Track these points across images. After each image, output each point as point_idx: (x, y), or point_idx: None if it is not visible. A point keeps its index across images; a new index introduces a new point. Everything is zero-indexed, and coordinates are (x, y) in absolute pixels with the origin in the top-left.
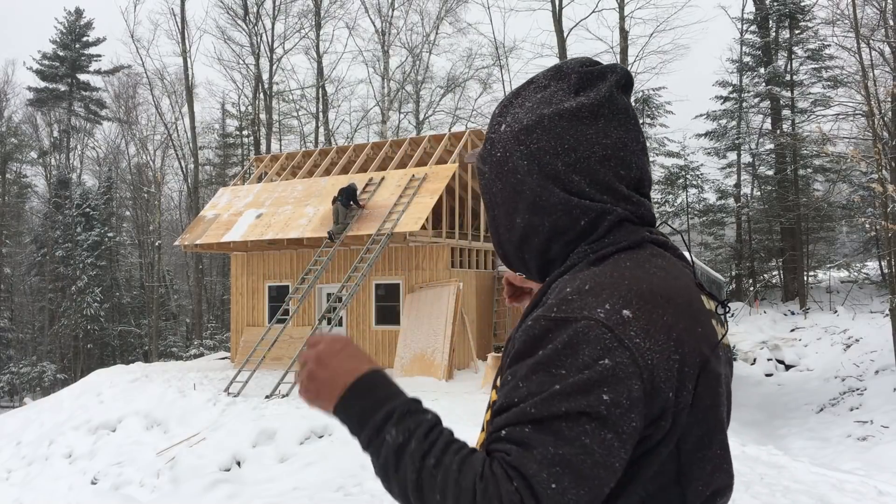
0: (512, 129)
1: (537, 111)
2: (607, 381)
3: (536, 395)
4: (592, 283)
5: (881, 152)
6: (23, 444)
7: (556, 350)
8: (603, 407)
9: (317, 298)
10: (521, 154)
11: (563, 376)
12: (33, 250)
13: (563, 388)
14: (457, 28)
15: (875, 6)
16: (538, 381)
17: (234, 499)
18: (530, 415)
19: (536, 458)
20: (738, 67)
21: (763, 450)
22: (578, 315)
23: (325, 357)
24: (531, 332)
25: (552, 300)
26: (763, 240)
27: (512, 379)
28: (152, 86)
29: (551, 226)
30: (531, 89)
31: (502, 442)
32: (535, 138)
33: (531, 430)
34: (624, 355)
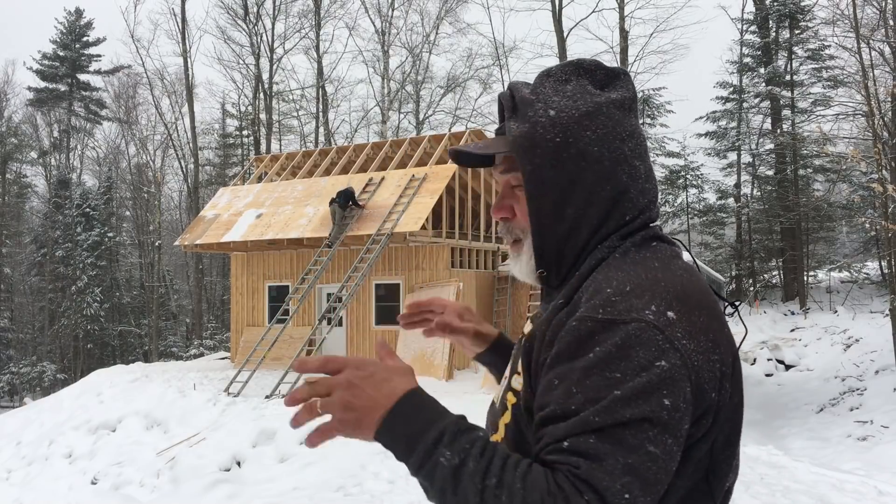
0: (570, 115)
1: (588, 99)
2: (665, 384)
3: (596, 401)
4: (632, 283)
5: (881, 152)
6: (23, 444)
7: (609, 353)
8: (665, 412)
9: (317, 298)
10: (590, 139)
11: (620, 381)
12: (33, 250)
13: (623, 394)
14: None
15: (875, 6)
16: (594, 386)
17: (234, 499)
18: (594, 424)
19: (607, 470)
20: (738, 68)
21: (763, 450)
22: (627, 317)
23: (357, 382)
24: (576, 332)
25: (595, 300)
26: (763, 240)
27: (561, 383)
28: (152, 86)
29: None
30: (552, 81)
31: (566, 454)
32: (600, 124)
33: (596, 440)
34: (676, 357)
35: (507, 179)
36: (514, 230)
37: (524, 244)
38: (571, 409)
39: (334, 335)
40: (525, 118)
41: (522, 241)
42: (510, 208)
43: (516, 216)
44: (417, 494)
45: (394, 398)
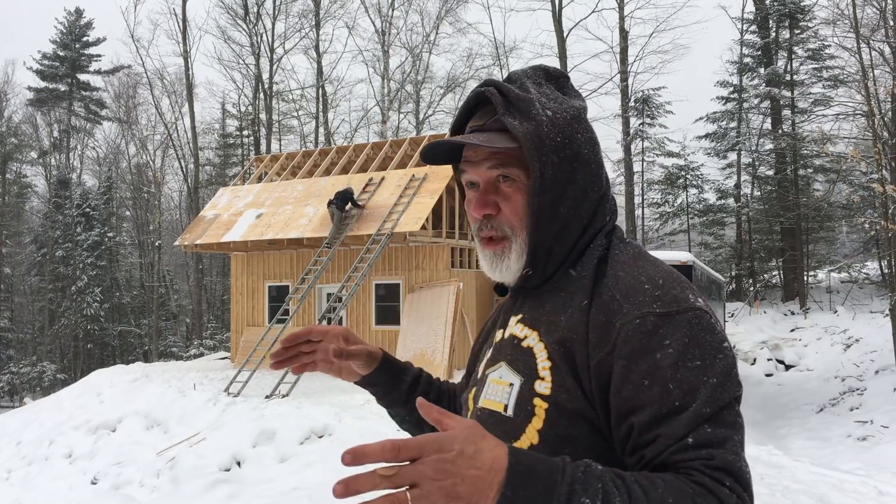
0: (563, 115)
1: (568, 103)
2: (733, 362)
3: (695, 391)
4: (660, 277)
5: (881, 152)
6: (23, 444)
7: (685, 343)
8: (739, 388)
9: (317, 298)
10: (581, 142)
11: (705, 367)
12: (33, 250)
13: (717, 380)
14: (457, 28)
15: (875, 6)
16: (686, 378)
17: (234, 499)
18: (705, 414)
19: (732, 451)
20: (738, 68)
21: (763, 450)
22: (681, 307)
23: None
24: (643, 329)
25: (643, 297)
26: (763, 240)
27: (652, 382)
28: (152, 86)
29: (589, 216)
30: (531, 83)
31: (694, 449)
32: (584, 128)
33: (712, 428)
34: (726, 337)
35: (493, 175)
36: (503, 227)
37: (512, 242)
38: (677, 406)
39: None
40: (529, 116)
41: (510, 239)
42: (495, 204)
43: (501, 212)
44: None
45: (501, 471)
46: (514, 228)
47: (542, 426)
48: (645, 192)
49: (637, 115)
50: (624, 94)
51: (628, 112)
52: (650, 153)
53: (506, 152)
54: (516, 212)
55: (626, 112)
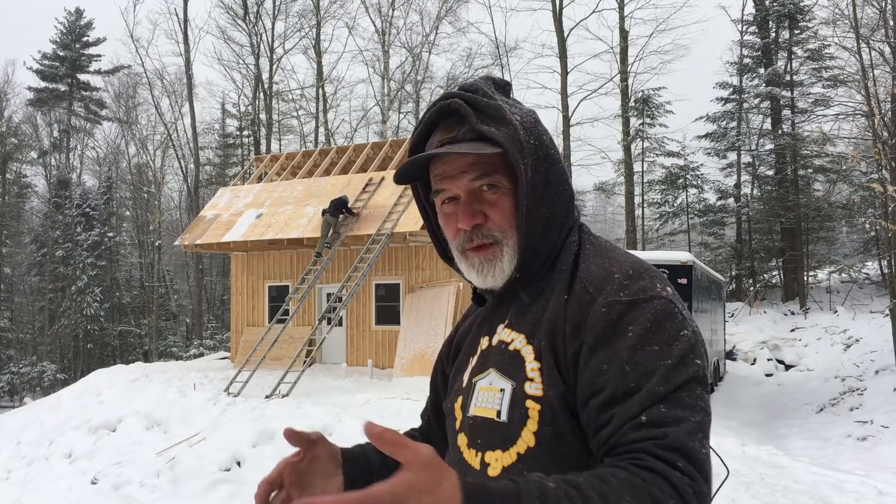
0: (529, 120)
1: (526, 108)
2: (693, 348)
3: (651, 374)
4: (630, 267)
5: (881, 152)
6: (23, 444)
7: (645, 328)
8: (700, 370)
9: (317, 298)
10: (548, 143)
11: (662, 352)
12: (33, 250)
13: (672, 362)
14: (457, 28)
15: (875, 6)
16: (643, 360)
17: (234, 499)
18: (659, 393)
19: (687, 431)
20: (738, 68)
21: (763, 450)
22: (646, 296)
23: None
24: (608, 317)
25: (612, 286)
26: (763, 240)
27: (611, 366)
28: (152, 86)
29: (566, 215)
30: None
31: (647, 428)
32: (544, 130)
33: (666, 408)
34: (690, 324)
35: (476, 185)
36: (492, 233)
37: (503, 246)
38: (632, 386)
39: (334, 335)
40: (503, 122)
41: (501, 243)
42: (482, 213)
43: (489, 219)
44: None
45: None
46: (504, 232)
47: (536, 427)
48: (645, 192)
49: (637, 116)
50: (624, 95)
51: (628, 112)
52: (650, 153)
53: (486, 161)
54: (505, 216)
55: (627, 112)
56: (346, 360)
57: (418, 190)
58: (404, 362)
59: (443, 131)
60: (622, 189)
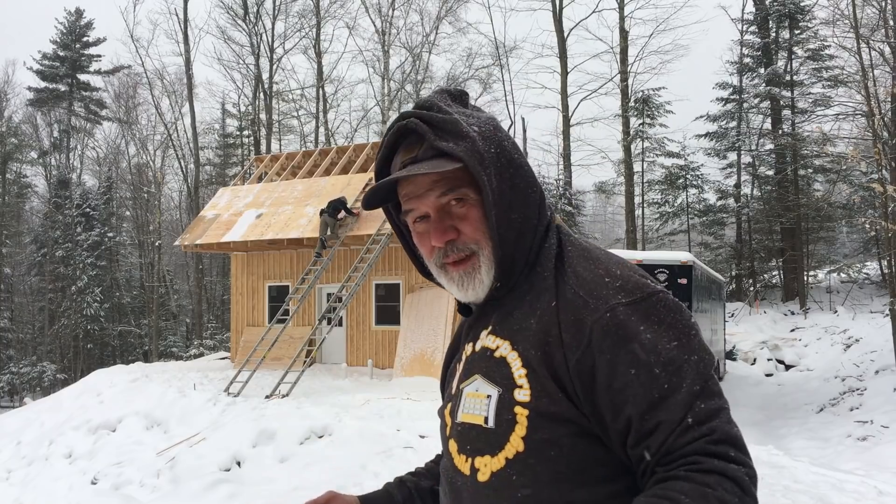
0: (488, 128)
1: (483, 116)
2: (699, 334)
3: (680, 371)
4: (614, 266)
5: (881, 152)
6: (23, 444)
7: (659, 325)
8: (712, 356)
9: (317, 298)
10: (510, 147)
11: (684, 346)
12: (33, 250)
13: (697, 356)
14: (457, 28)
15: (875, 6)
16: (670, 358)
17: (234, 499)
18: (695, 392)
19: (727, 419)
20: (738, 68)
21: (763, 450)
22: (643, 292)
23: None
24: (615, 321)
25: (605, 290)
26: (763, 240)
27: (638, 371)
28: (152, 86)
29: (538, 219)
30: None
31: (694, 428)
32: (505, 135)
33: (704, 403)
34: (689, 311)
35: (444, 201)
36: (468, 245)
37: (479, 256)
38: (667, 388)
39: (334, 335)
40: (460, 135)
41: (477, 255)
42: (454, 228)
43: (462, 233)
44: None
45: None
46: (479, 243)
47: (525, 433)
48: (645, 192)
49: (637, 116)
50: (624, 95)
51: (628, 112)
52: (650, 153)
53: (450, 175)
54: (477, 228)
55: (627, 112)
56: (346, 360)
57: (390, 211)
58: (404, 362)
59: (404, 151)
60: (622, 189)
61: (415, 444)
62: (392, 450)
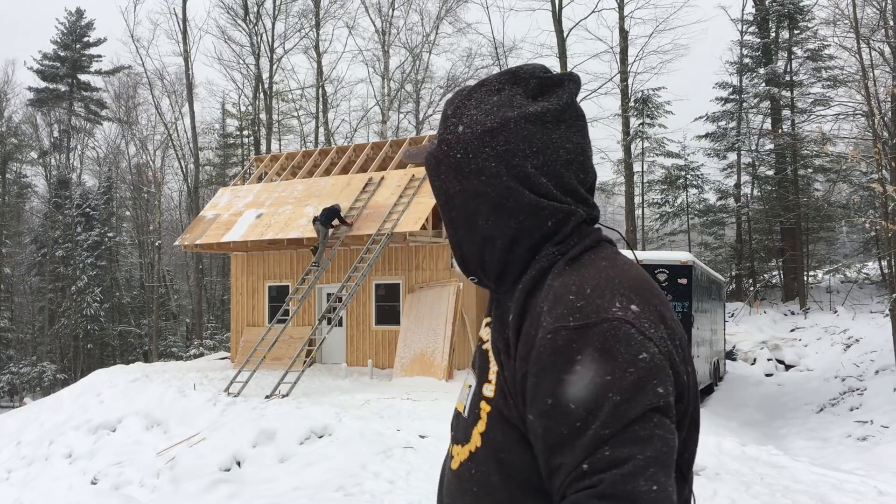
0: (473, 130)
1: (500, 114)
2: (653, 373)
3: (598, 411)
4: (590, 285)
5: (881, 152)
6: (23, 444)
7: (594, 358)
8: (661, 400)
9: (317, 298)
10: (488, 156)
11: (612, 382)
12: (33, 250)
13: (622, 395)
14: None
15: (875, 6)
16: (590, 395)
17: (234, 499)
18: (604, 436)
19: (630, 472)
20: (737, 68)
21: (763, 450)
22: (598, 318)
23: None
24: (554, 344)
25: (561, 309)
26: (763, 240)
27: (554, 402)
28: (152, 86)
29: (517, 227)
30: (483, 91)
31: (588, 477)
32: (501, 140)
33: (611, 449)
34: (651, 346)
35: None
36: None
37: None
38: (578, 427)
39: (334, 335)
40: (438, 136)
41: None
42: None
43: None
44: (417, 494)
45: None
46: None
47: (484, 429)
48: (645, 193)
49: (637, 116)
50: (624, 95)
51: (628, 112)
52: (650, 153)
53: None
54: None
55: (626, 112)
56: (346, 360)
57: None
58: (404, 362)
59: None
60: (622, 189)
61: (415, 444)
62: (392, 450)
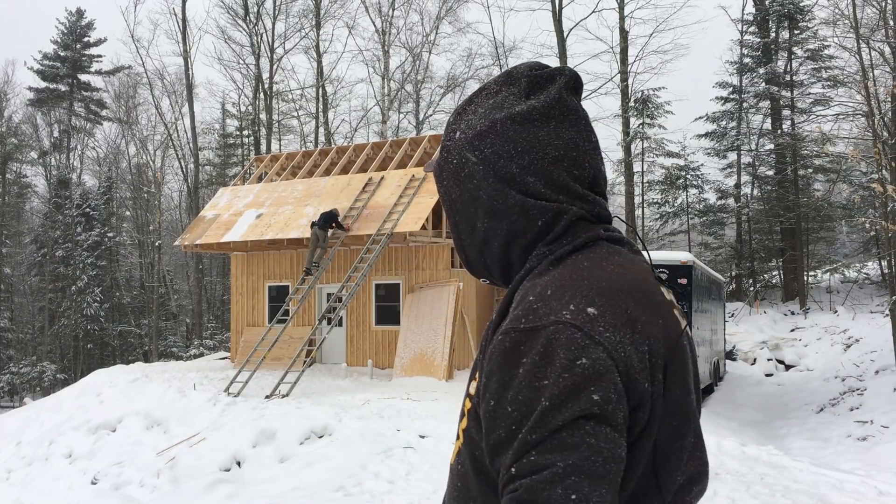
0: (466, 135)
1: (489, 116)
2: (590, 380)
3: (528, 415)
4: (554, 286)
5: (881, 152)
6: (23, 444)
7: (534, 361)
8: (596, 407)
9: (317, 298)
10: (477, 159)
11: (547, 387)
12: (33, 250)
13: (552, 401)
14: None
15: (875, 6)
16: (524, 399)
17: (234, 499)
18: (531, 441)
19: (548, 479)
20: (737, 68)
21: (763, 450)
22: (546, 321)
23: None
24: (502, 346)
25: (518, 311)
26: (763, 240)
27: (496, 403)
28: (152, 86)
29: (509, 228)
30: (483, 96)
31: (512, 481)
32: (488, 143)
33: (537, 455)
34: (598, 351)
35: None
36: None
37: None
38: (513, 430)
39: (334, 335)
40: (442, 145)
41: None
42: None
43: None
44: (417, 494)
45: None
46: None
47: (465, 426)
48: (645, 192)
49: (637, 116)
50: (624, 95)
51: (628, 112)
52: (650, 153)
53: None
54: None
55: (626, 112)
56: (346, 360)
57: None
58: (404, 362)
59: None
60: (622, 189)
61: (415, 444)
62: (392, 450)
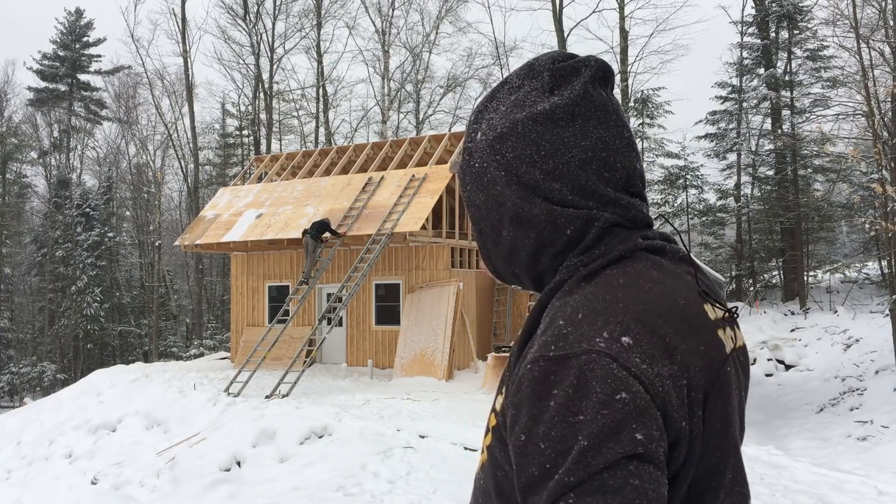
0: (487, 137)
1: (510, 116)
2: (632, 417)
3: (563, 454)
4: (585, 309)
5: (881, 152)
6: (23, 444)
7: (567, 395)
8: (640, 446)
9: (317, 298)
10: (498, 164)
11: (584, 424)
12: (33, 250)
13: (591, 440)
14: (457, 27)
15: (875, 6)
16: (558, 435)
17: (234, 499)
18: (569, 484)
19: None
20: (737, 69)
21: (763, 450)
22: (577, 349)
23: None
24: (531, 375)
25: (548, 336)
26: (763, 240)
27: (527, 438)
28: (152, 86)
29: (536, 238)
30: (505, 91)
31: None
32: (509, 146)
33: (576, 498)
34: (636, 385)
35: None
36: None
37: None
38: (547, 469)
39: (334, 335)
40: (464, 146)
41: None
42: None
43: None
44: (417, 494)
45: None
46: None
47: (489, 443)
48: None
49: (637, 116)
50: (624, 95)
51: (628, 112)
52: (650, 153)
53: None
54: None
55: (626, 112)
56: (346, 360)
57: None
58: (404, 362)
59: None
60: None
61: (415, 444)
62: (392, 450)
